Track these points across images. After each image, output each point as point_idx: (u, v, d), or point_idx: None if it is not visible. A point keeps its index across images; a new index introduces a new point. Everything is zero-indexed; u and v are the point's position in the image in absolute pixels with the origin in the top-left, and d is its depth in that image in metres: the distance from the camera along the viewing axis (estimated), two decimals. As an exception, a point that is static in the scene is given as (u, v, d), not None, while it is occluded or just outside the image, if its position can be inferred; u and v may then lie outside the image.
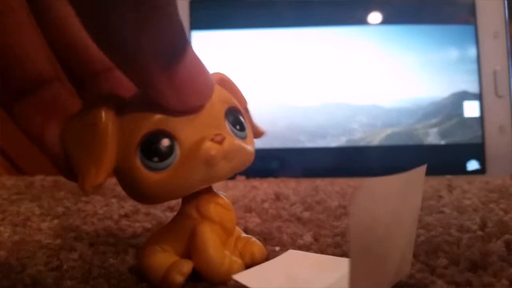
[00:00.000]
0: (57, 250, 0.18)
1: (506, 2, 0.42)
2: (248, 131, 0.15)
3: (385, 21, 0.44)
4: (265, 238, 0.19)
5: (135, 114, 0.13)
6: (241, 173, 0.39)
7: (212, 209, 0.15)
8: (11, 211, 0.25)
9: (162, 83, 0.12)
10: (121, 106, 0.14)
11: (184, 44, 0.12)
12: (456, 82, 0.43)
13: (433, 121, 0.43)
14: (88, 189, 0.13)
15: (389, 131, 0.43)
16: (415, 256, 0.16)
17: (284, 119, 0.43)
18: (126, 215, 0.24)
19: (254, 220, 0.22)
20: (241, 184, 0.35)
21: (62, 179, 0.38)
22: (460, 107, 0.42)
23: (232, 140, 0.14)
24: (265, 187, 0.34)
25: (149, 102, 0.13)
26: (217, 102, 0.14)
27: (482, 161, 0.42)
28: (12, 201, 0.28)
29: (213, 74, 0.14)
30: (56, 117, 0.14)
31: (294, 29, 0.44)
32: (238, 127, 0.14)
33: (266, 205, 0.26)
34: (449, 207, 0.24)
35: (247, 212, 0.24)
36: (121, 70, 0.12)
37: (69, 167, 0.14)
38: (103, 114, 0.13)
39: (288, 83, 0.44)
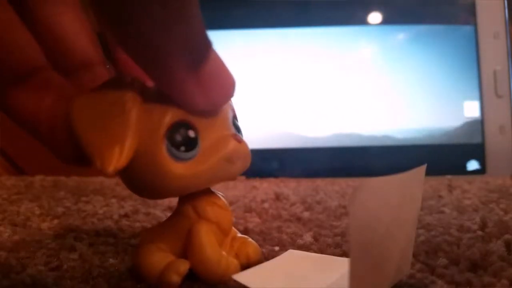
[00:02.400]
0: (57, 250, 0.18)
1: (506, 2, 0.42)
2: None
3: (385, 22, 0.44)
4: (265, 238, 0.19)
5: (160, 103, 0.13)
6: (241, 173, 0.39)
7: (210, 209, 0.15)
8: (11, 211, 0.25)
9: (189, 82, 0.12)
10: (143, 92, 0.13)
11: (208, 43, 0.12)
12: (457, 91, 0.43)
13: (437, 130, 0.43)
14: (110, 171, 0.13)
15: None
16: (415, 256, 0.16)
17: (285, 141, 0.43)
18: (126, 215, 0.24)
19: (254, 220, 0.22)
20: (241, 184, 0.35)
21: (62, 179, 0.38)
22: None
23: (245, 142, 0.14)
24: (265, 187, 0.34)
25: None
26: (226, 106, 0.15)
27: (482, 161, 0.42)
28: (12, 201, 0.28)
29: None
30: (51, 97, 0.14)
31: (295, 29, 0.44)
32: (238, 131, 0.15)
33: (266, 205, 0.26)
34: (449, 207, 0.24)
35: (247, 212, 0.24)
36: (146, 72, 0.12)
37: (70, 150, 0.14)
38: (129, 94, 0.13)
39: (288, 83, 0.44)
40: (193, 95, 0.13)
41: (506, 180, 0.33)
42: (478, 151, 0.42)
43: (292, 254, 0.16)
